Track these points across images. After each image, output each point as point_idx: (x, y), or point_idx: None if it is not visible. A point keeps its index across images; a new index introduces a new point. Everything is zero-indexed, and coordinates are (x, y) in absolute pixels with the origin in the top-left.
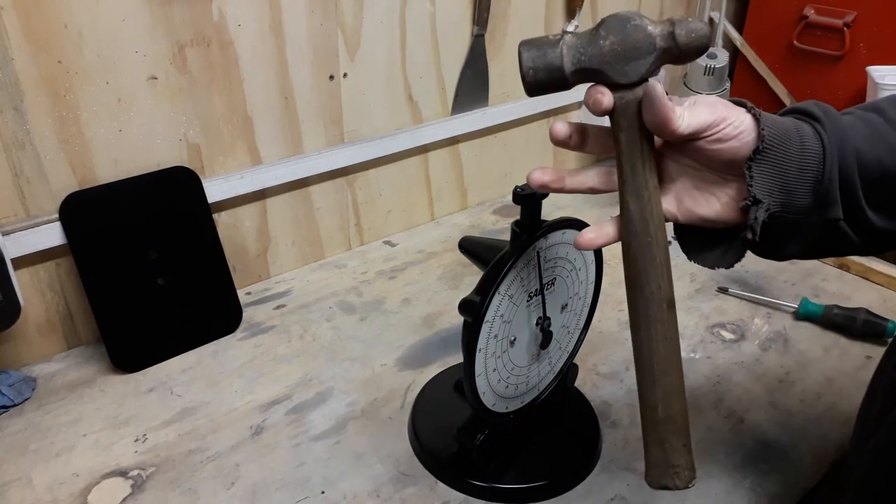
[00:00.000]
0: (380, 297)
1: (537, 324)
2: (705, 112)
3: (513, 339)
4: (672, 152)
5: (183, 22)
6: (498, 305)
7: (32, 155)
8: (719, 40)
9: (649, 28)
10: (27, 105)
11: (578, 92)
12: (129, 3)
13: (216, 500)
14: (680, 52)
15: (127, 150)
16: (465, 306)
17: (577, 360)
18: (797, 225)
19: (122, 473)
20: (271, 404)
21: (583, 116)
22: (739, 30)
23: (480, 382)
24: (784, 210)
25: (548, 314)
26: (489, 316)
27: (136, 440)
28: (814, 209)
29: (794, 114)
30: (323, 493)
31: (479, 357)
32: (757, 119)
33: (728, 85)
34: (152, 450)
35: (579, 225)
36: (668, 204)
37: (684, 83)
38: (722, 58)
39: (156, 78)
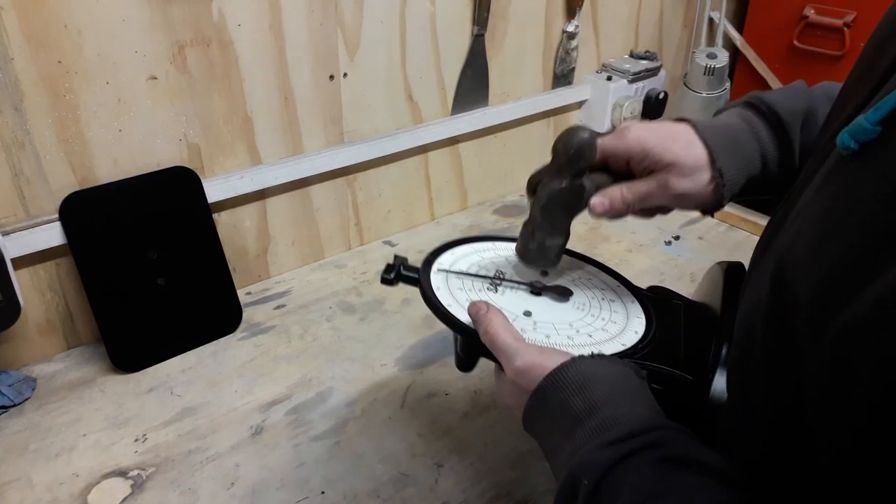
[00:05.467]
0: (380, 297)
1: (532, 292)
2: (642, 186)
3: (524, 312)
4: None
5: (183, 22)
6: (462, 312)
7: (32, 155)
8: (719, 40)
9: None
10: (27, 105)
11: (579, 92)
12: (129, 2)
13: (216, 501)
14: (574, 166)
15: (127, 150)
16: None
17: None
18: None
19: (122, 473)
20: (271, 404)
21: (582, 116)
22: (739, 30)
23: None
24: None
25: (531, 280)
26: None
27: (136, 440)
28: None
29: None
30: (323, 493)
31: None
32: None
33: (728, 85)
34: (152, 450)
35: (454, 243)
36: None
37: (685, 83)
38: (722, 58)
39: (156, 78)
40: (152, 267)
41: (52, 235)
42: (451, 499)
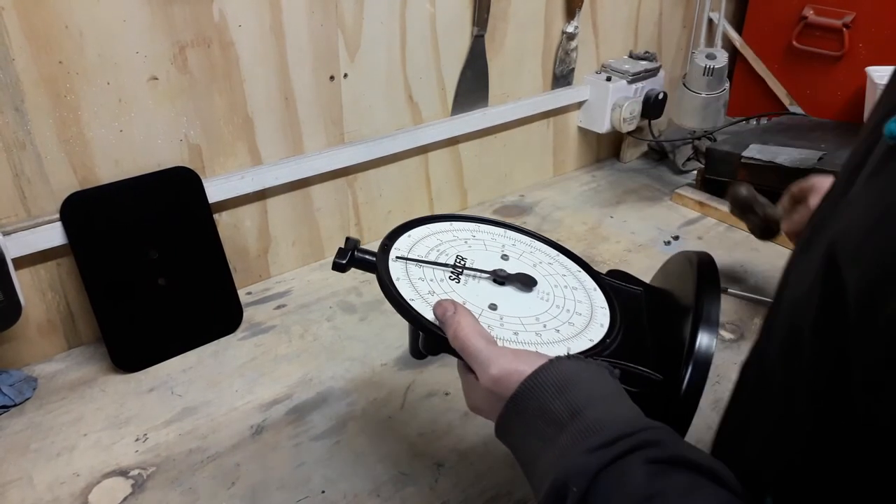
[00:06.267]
0: (380, 297)
1: (496, 281)
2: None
3: (489, 305)
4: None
5: (184, 22)
6: (425, 307)
7: (33, 155)
8: (719, 41)
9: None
10: (28, 105)
11: (579, 93)
12: (130, 3)
13: (216, 500)
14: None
15: (128, 150)
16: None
17: None
18: None
19: (123, 473)
20: (271, 404)
21: (582, 116)
22: (739, 30)
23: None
24: None
25: (493, 269)
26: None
27: (137, 440)
28: None
29: None
30: (323, 492)
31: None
32: None
33: (727, 85)
34: (153, 449)
35: (411, 224)
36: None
37: (684, 84)
38: (721, 58)
39: (157, 78)
40: (153, 267)
41: (53, 235)
42: (451, 498)
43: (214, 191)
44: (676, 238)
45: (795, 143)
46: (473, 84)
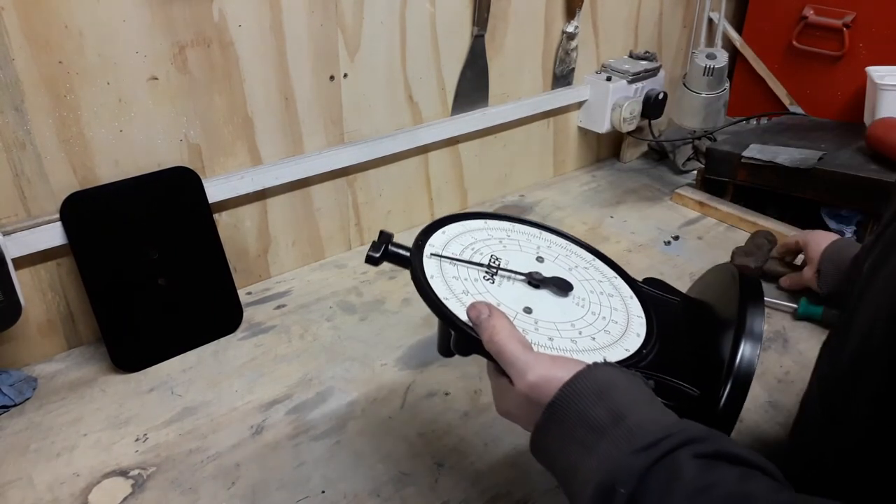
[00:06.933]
0: (380, 297)
1: (531, 284)
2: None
3: (524, 308)
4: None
5: (183, 22)
6: (459, 307)
7: (33, 155)
8: (719, 41)
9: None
10: (28, 105)
11: (579, 93)
12: (130, 3)
13: (216, 500)
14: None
15: (128, 150)
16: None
17: None
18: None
19: (123, 473)
20: (272, 404)
21: (582, 117)
22: (739, 30)
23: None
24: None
25: (528, 271)
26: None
27: (137, 440)
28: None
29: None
30: (323, 492)
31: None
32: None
33: (727, 85)
34: (153, 449)
35: (445, 220)
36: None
37: (684, 84)
38: (721, 58)
39: (156, 78)
40: (153, 267)
41: (53, 235)
42: (451, 498)
43: (214, 191)
44: (677, 238)
45: (795, 143)
46: (473, 84)
